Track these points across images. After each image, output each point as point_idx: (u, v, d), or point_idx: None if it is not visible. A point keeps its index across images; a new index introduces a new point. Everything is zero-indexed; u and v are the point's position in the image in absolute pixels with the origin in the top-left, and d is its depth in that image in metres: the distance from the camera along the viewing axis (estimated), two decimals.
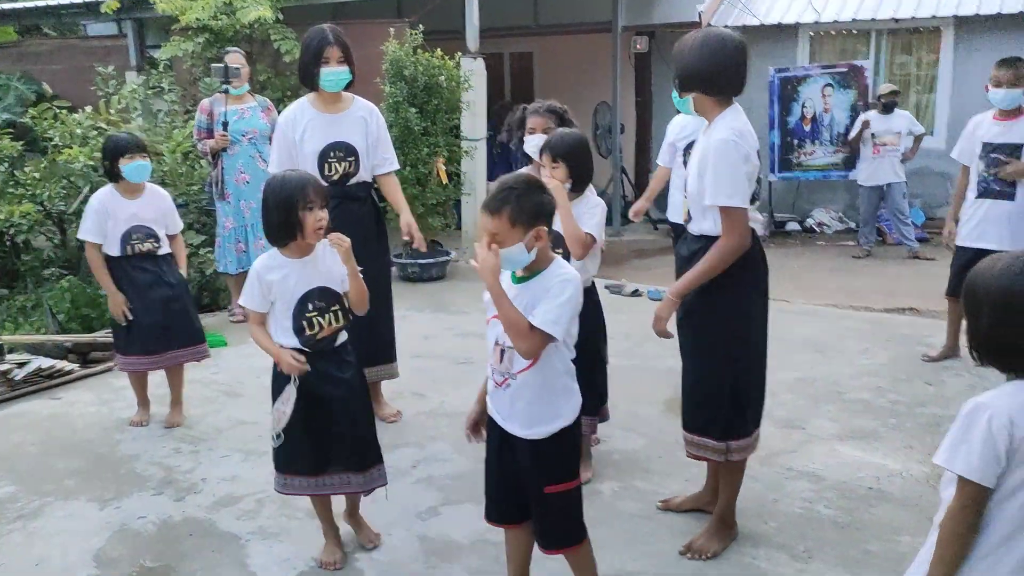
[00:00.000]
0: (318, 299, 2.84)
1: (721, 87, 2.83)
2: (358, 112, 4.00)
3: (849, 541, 3.11)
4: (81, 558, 3.10)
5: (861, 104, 9.19)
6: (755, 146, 2.84)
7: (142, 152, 4.08)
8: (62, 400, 4.69)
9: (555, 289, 2.30)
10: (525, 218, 2.28)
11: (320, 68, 3.81)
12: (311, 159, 3.88)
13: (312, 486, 2.95)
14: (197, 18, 7.53)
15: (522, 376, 2.37)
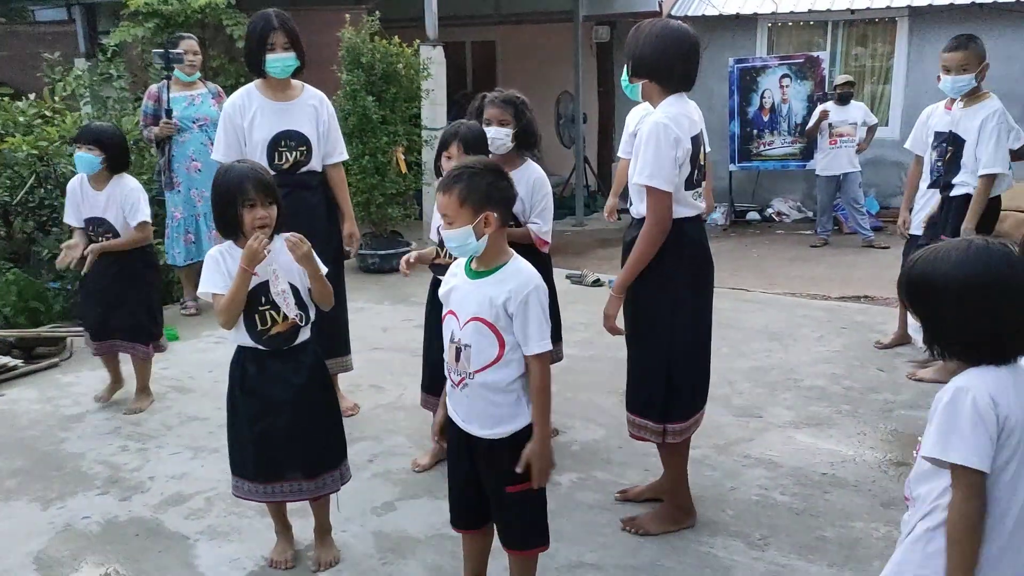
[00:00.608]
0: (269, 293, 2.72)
1: (671, 79, 2.87)
2: (309, 100, 3.92)
3: (804, 527, 3.12)
4: (21, 560, 3.00)
5: (818, 95, 9.28)
6: (691, 132, 2.84)
7: (87, 144, 4.01)
8: (4, 397, 4.54)
9: (531, 301, 2.24)
10: (474, 199, 2.23)
11: (265, 54, 3.74)
12: (260, 147, 3.80)
13: (262, 492, 2.84)
14: (147, 3, 7.33)
15: (480, 376, 2.30)
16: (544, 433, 2.30)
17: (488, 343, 2.28)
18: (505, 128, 3.47)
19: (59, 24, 10.22)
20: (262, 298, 2.70)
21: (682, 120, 2.82)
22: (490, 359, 2.29)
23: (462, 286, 2.36)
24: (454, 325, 2.35)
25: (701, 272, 3.01)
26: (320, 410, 2.85)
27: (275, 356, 2.75)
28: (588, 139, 11.24)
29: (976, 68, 4.36)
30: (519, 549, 2.47)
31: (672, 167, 2.78)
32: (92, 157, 4.01)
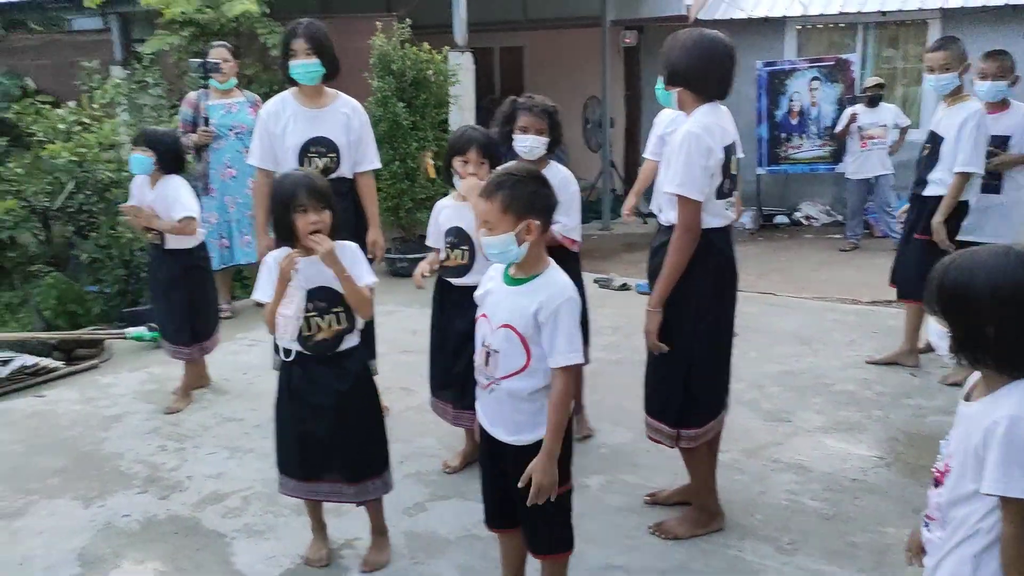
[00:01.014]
0: (319, 299, 2.74)
1: (706, 87, 2.90)
2: (341, 108, 3.98)
3: (834, 533, 3.12)
4: (65, 557, 3.08)
5: (848, 97, 9.22)
6: (724, 142, 2.86)
7: (143, 146, 4.18)
8: (46, 398, 4.67)
9: (562, 313, 2.25)
10: (517, 207, 2.24)
11: (288, 61, 3.84)
12: (291, 153, 3.88)
13: (305, 490, 2.90)
14: (182, 12, 7.47)
15: (506, 382, 2.33)
16: (551, 449, 2.28)
17: (516, 351, 2.30)
18: (542, 137, 3.50)
19: (95, 33, 10.41)
20: (308, 305, 2.73)
21: (715, 129, 2.84)
22: (517, 367, 2.31)
23: (497, 291, 2.38)
24: (486, 329, 2.37)
25: (725, 282, 3.02)
26: (362, 417, 2.86)
27: (320, 361, 2.78)
28: (615, 143, 11.25)
29: (958, 68, 4.42)
30: (544, 554, 2.49)
31: (703, 177, 2.80)
32: (146, 158, 4.18)
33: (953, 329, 1.71)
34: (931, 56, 4.50)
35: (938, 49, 4.49)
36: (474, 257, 3.35)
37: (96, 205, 6.52)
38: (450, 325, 3.46)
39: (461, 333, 3.39)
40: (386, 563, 2.97)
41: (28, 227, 6.66)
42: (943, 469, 1.79)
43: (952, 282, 1.69)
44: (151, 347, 5.43)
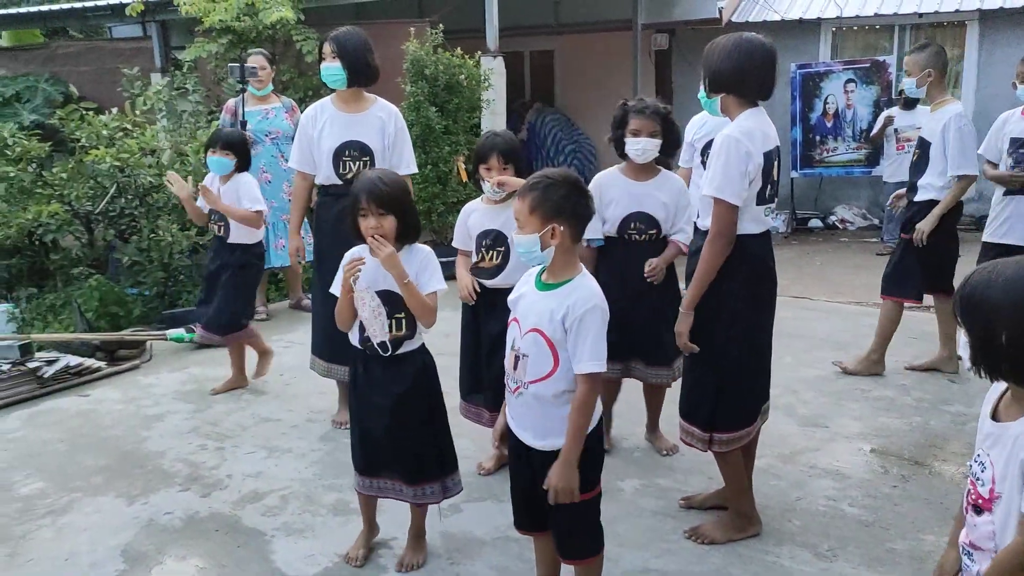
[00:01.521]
0: (383, 301, 2.75)
1: (748, 91, 2.91)
2: (378, 113, 4.01)
3: (874, 540, 3.09)
4: (109, 553, 3.15)
5: (884, 100, 9.11)
6: (765, 147, 2.85)
7: (224, 149, 4.41)
8: (90, 397, 4.77)
9: (587, 319, 2.25)
10: (545, 209, 2.27)
11: (320, 65, 3.95)
12: (326, 156, 3.94)
13: (366, 485, 2.94)
14: (220, 19, 7.60)
15: (534, 387, 2.34)
16: (568, 454, 2.28)
17: (544, 356, 2.31)
18: (655, 139, 3.49)
19: (136, 40, 10.63)
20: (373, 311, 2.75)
21: (755, 134, 2.84)
22: (544, 372, 2.32)
23: (529, 295, 2.40)
24: (516, 333, 2.39)
25: (762, 289, 3.00)
26: (420, 420, 2.84)
27: (379, 362, 2.80)
28: None
29: (917, 74, 4.54)
30: (572, 559, 2.50)
31: (741, 181, 2.80)
32: (227, 160, 4.42)
33: (970, 336, 1.70)
34: (906, 59, 4.68)
35: (911, 53, 4.65)
36: (507, 258, 3.37)
37: (137, 209, 6.65)
38: (484, 328, 3.48)
39: (495, 336, 3.40)
40: (422, 564, 2.99)
41: (71, 230, 6.81)
42: (988, 495, 1.73)
43: (971, 288, 1.69)
44: (191, 348, 5.53)
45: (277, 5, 7.50)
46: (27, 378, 4.81)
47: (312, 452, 3.94)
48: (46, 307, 6.41)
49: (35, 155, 6.79)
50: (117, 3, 10.11)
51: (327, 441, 4.04)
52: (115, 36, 11.94)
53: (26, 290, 6.83)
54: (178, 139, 7.07)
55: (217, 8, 7.64)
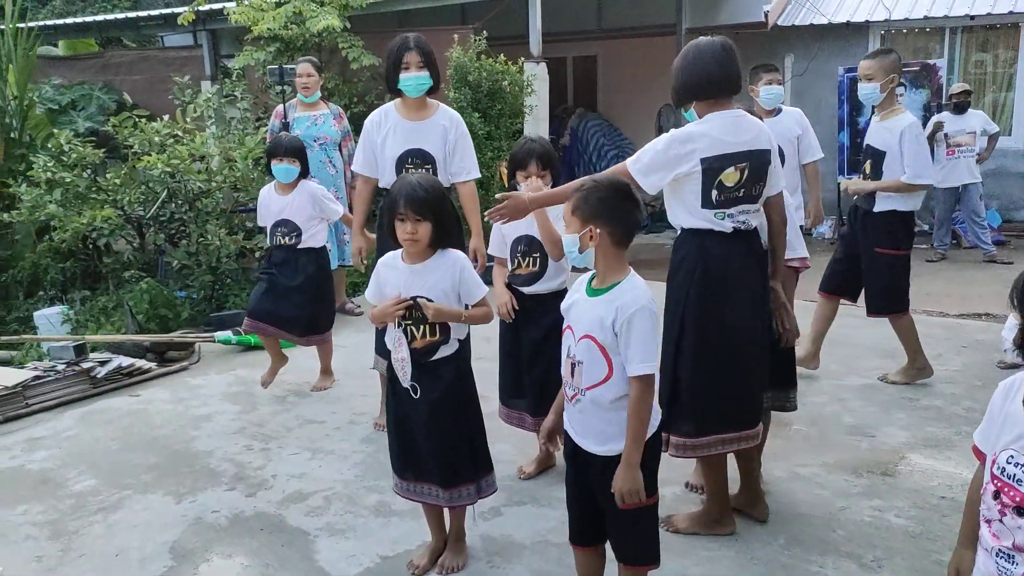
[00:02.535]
0: (416, 309, 2.75)
1: (698, 91, 2.95)
2: (440, 120, 4.00)
3: (921, 551, 3.03)
4: (158, 550, 3.22)
5: (934, 104, 8.94)
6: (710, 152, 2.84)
7: (291, 157, 4.51)
8: (140, 397, 4.89)
9: (637, 322, 2.25)
10: (583, 212, 2.32)
11: (400, 74, 3.87)
12: (390, 163, 3.96)
13: (404, 488, 2.96)
14: (269, 28, 7.74)
15: (591, 392, 2.34)
16: (630, 457, 2.28)
17: (598, 362, 2.32)
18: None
19: (186, 49, 10.88)
20: (405, 313, 2.77)
21: (699, 137, 2.85)
22: (600, 378, 2.32)
23: (580, 301, 2.41)
24: (570, 340, 2.39)
25: (722, 292, 2.91)
26: (455, 424, 2.85)
27: (414, 367, 2.81)
28: None
29: (881, 79, 4.40)
30: (629, 564, 2.49)
31: (659, 169, 2.86)
32: (293, 168, 4.53)
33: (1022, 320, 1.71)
34: (864, 64, 4.52)
35: (866, 58, 4.52)
36: (546, 264, 3.37)
37: (186, 214, 6.80)
38: (523, 334, 3.49)
39: (534, 341, 3.42)
40: (463, 567, 3.00)
41: (123, 234, 6.98)
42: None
43: None
44: (238, 350, 5.64)
45: (324, 13, 7.62)
46: (81, 378, 4.96)
47: (354, 454, 3.99)
48: (99, 309, 6.59)
49: (90, 161, 6.98)
50: (169, 13, 10.37)
51: (369, 443, 4.09)
52: (167, 45, 12.23)
53: (80, 292, 7.04)
54: (226, 145, 7.21)
55: (266, 17, 7.79)
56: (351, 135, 6.27)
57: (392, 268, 2.84)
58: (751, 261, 2.97)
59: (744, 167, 2.87)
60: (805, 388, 4.62)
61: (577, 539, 2.56)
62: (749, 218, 2.94)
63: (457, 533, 3.05)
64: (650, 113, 11.29)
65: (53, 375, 4.92)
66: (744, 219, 2.93)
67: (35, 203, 6.63)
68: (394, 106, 4.04)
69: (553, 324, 3.37)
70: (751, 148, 2.89)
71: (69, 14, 14.97)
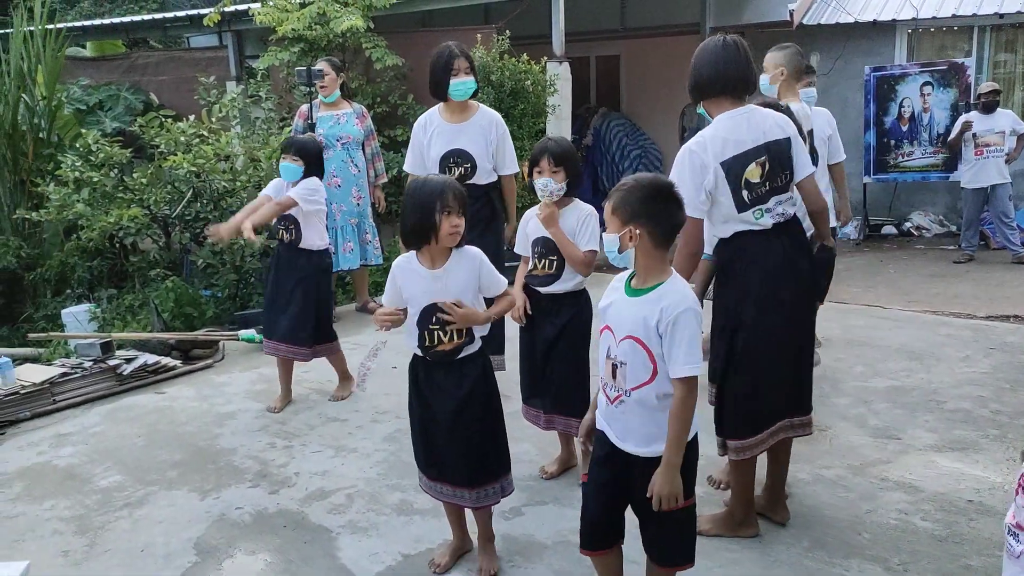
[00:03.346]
0: (441, 313, 2.75)
1: (710, 91, 2.97)
2: (481, 121, 4.33)
3: (947, 555, 2.99)
4: (182, 546, 3.25)
5: (963, 103, 8.82)
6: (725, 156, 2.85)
7: (294, 155, 4.44)
8: (166, 395, 4.94)
9: (681, 322, 2.24)
10: (623, 211, 2.30)
11: (450, 79, 4.17)
12: (434, 162, 4.31)
13: (429, 488, 2.96)
14: (293, 29, 7.79)
15: (636, 393, 2.32)
16: (671, 459, 2.27)
17: (641, 363, 2.30)
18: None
19: (212, 50, 10.96)
20: (432, 317, 2.75)
21: (712, 143, 2.86)
22: (645, 378, 2.30)
23: (619, 302, 2.38)
24: (610, 341, 2.36)
25: (765, 293, 2.90)
26: (480, 422, 2.85)
27: (441, 367, 2.82)
28: None
29: (771, 71, 4.40)
30: (665, 565, 2.48)
31: (695, 193, 2.84)
32: (296, 166, 4.46)
33: None
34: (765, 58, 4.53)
35: (771, 51, 4.52)
36: (562, 267, 3.37)
37: (211, 213, 6.86)
38: (537, 333, 3.50)
39: (548, 340, 3.43)
40: (497, 570, 2.97)
41: (149, 233, 7.06)
42: None
43: None
44: (261, 348, 5.67)
45: (347, 14, 7.65)
46: (107, 375, 5.02)
47: (377, 452, 4.00)
48: (125, 307, 6.67)
49: (117, 161, 7.07)
50: (195, 14, 10.46)
51: (391, 442, 4.10)
52: (193, 46, 12.33)
53: (107, 291, 7.12)
54: (251, 145, 7.27)
55: (290, 18, 7.83)
56: (374, 134, 6.30)
57: (413, 273, 2.79)
58: (796, 251, 2.99)
59: (764, 160, 2.89)
60: (830, 390, 4.59)
61: (595, 544, 2.49)
62: (786, 207, 2.97)
63: (487, 535, 3.01)
64: (673, 113, 11.24)
65: (80, 372, 4.99)
66: (782, 210, 2.96)
67: (63, 202, 6.72)
68: (438, 110, 4.38)
69: (567, 323, 3.40)
70: (767, 140, 2.91)
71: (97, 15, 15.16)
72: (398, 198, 7.92)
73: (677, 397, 2.27)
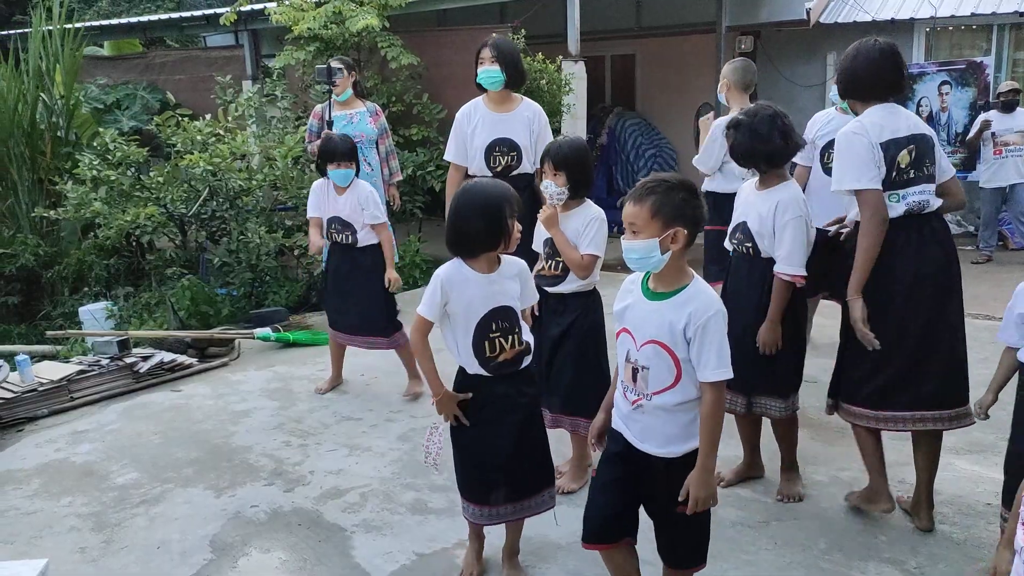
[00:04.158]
0: (503, 319, 2.65)
1: (861, 92, 3.13)
2: (524, 112, 4.42)
3: (965, 558, 2.97)
4: (198, 543, 3.27)
5: (981, 102, 8.75)
6: (882, 138, 3.00)
7: (347, 160, 4.46)
8: (182, 392, 4.96)
9: (711, 327, 2.21)
10: (667, 212, 2.22)
11: (477, 68, 4.30)
12: (479, 151, 4.36)
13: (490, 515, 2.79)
14: (309, 28, 7.81)
15: (658, 398, 2.30)
16: (707, 463, 2.26)
17: (666, 367, 2.27)
18: None
19: (228, 49, 11.02)
20: (492, 324, 2.64)
21: (869, 127, 3.00)
22: (668, 382, 2.28)
23: (639, 305, 2.34)
24: (630, 344, 2.34)
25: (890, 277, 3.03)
26: (541, 429, 2.84)
27: (503, 379, 2.70)
28: None
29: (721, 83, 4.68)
30: (676, 567, 2.47)
31: (870, 167, 2.96)
32: (350, 172, 4.51)
33: None
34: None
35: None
36: (568, 269, 3.36)
37: (227, 212, 6.90)
38: (543, 333, 3.50)
39: (553, 339, 3.43)
40: None
41: (166, 232, 7.11)
42: None
43: None
44: (277, 347, 5.70)
45: (363, 13, 7.67)
46: (124, 373, 5.05)
47: (391, 451, 4.01)
48: (142, 305, 6.71)
49: (134, 160, 7.12)
50: (212, 13, 10.52)
51: (406, 441, 4.11)
52: (209, 45, 12.41)
53: (123, 289, 7.17)
54: (267, 144, 7.30)
55: (306, 17, 7.86)
56: (388, 132, 6.30)
57: (467, 281, 2.64)
58: (928, 244, 3.07)
59: (912, 149, 3.04)
60: None
61: (598, 536, 2.46)
62: (928, 199, 3.06)
63: (513, 548, 2.97)
64: (689, 112, 11.17)
65: (97, 369, 5.02)
66: (919, 200, 3.05)
67: (81, 201, 6.77)
68: (482, 100, 4.45)
69: (573, 323, 3.39)
70: (915, 132, 3.06)
71: (114, 15, 15.28)
72: (412, 197, 7.97)
73: (709, 400, 2.24)
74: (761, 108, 3.23)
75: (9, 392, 4.63)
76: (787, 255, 3.16)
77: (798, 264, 3.17)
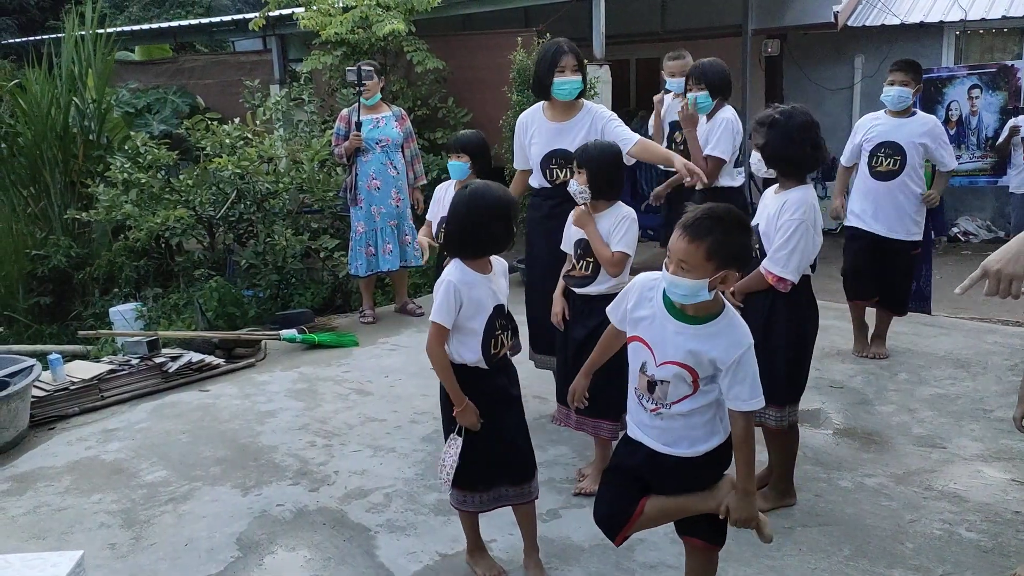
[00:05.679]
0: (502, 316, 2.75)
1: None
2: (585, 119, 3.99)
3: (993, 567, 2.93)
4: (225, 541, 3.31)
5: (1012, 106, 8.64)
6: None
7: (457, 152, 4.32)
8: (209, 392, 5.03)
9: (745, 361, 2.21)
10: (723, 256, 2.15)
11: (554, 77, 3.87)
12: (535, 162, 4.07)
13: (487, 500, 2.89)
14: (336, 32, 7.89)
15: (676, 407, 2.30)
16: (746, 487, 2.26)
17: (684, 384, 2.28)
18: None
19: (256, 53, 11.15)
20: (496, 323, 2.73)
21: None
22: (684, 393, 2.29)
23: (661, 322, 2.30)
24: (647, 357, 2.32)
25: None
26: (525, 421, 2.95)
27: (499, 371, 2.82)
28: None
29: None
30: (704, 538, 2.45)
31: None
32: (463, 164, 4.31)
33: None
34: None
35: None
36: (598, 269, 3.37)
37: (254, 214, 6.97)
38: (569, 334, 3.52)
39: (578, 341, 3.44)
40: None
41: (194, 234, 7.19)
42: None
43: None
44: (302, 348, 5.75)
45: (389, 18, 7.72)
46: (153, 372, 5.13)
47: (415, 452, 4.03)
48: (170, 306, 6.79)
49: (164, 163, 7.21)
50: (241, 19, 10.65)
51: (429, 442, 4.13)
52: (238, 50, 12.56)
53: (153, 290, 7.27)
54: (294, 147, 7.37)
55: (333, 22, 7.93)
56: (413, 136, 6.35)
57: (475, 283, 2.71)
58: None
59: None
60: (873, 397, 4.52)
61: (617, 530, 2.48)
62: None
63: (535, 545, 2.98)
64: None
65: (127, 369, 5.10)
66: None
67: (112, 203, 6.87)
68: (542, 107, 4.09)
69: (599, 326, 3.33)
70: None
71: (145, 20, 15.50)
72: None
73: (741, 426, 2.25)
74: (797, 112, 3.10)
75: (41, 391, 4.72)
76: (774, 253, 3.06)
77: (783, 266, 3.05)
